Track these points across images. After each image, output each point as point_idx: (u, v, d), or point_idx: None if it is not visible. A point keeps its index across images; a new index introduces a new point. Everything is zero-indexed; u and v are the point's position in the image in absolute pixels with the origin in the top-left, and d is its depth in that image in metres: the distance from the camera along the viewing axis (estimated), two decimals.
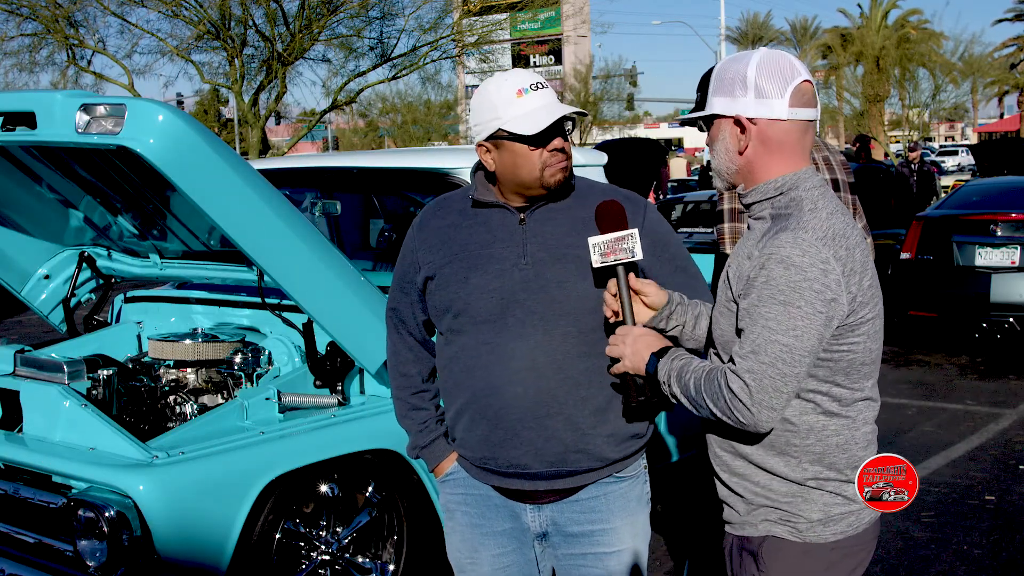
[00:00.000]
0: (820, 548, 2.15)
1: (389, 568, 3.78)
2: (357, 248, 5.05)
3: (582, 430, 2.47)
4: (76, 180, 3.85)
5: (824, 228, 2.04)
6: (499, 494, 2.58)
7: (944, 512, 5.20)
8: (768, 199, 2.14)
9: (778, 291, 1.99)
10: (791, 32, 60.26)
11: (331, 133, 53.82)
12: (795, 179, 2.12)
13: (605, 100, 44.57)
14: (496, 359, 2.45)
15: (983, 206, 9.25)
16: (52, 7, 21.66)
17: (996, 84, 52.88)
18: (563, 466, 2.49)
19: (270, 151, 32.67)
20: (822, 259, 2.00)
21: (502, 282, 2.45)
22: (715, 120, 2.17)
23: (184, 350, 3.95)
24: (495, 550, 2.61)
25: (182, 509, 3.14)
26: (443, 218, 2.59)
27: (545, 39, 45.88)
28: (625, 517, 2.58)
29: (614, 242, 2.28)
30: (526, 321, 2.44)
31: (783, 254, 2.00)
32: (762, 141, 2.13)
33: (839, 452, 2.14)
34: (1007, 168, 12.93)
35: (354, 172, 4.59)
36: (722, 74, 2.14)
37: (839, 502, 2.15)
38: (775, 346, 1.99)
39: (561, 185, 2.48)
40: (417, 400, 2.69)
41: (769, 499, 2.17)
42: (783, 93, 2.10)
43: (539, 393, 2.43)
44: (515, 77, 2.45)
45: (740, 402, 2.01)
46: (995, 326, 8.66)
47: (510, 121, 2.40)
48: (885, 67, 41.73)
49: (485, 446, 2.51)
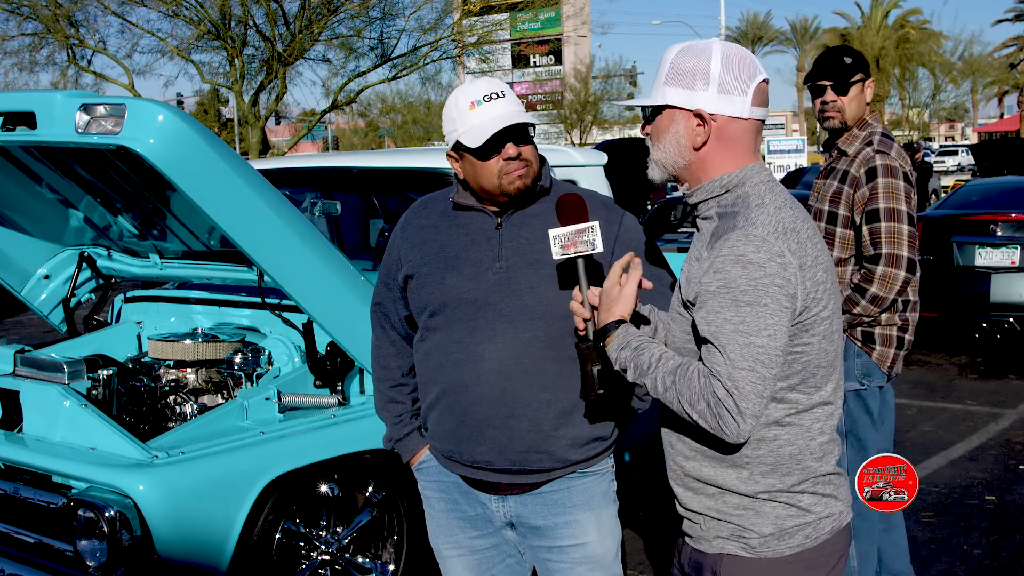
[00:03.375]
0: (775, 563, 2.05)
1: (389, 568, 3.78)
2: (357, 248, 5.05)
3: (545, 432, 2.52)
4: (76, 180, 3.85)
5: (774, 223, 1.96)
6: (465, 483, 2.65)
7: (944, 512, 5.20)
8: (714, 197, 2.08)
9: (740, 292, 1.90)
10: (791, 32, 60.27)
11: (331, 133, 53.86)
12: (741, 175, 2.06)
13: (605, 100, 44.56)
14: (466, 358, 2.52)
15: (983, 206, 9.25)
16: (52, 7, 21.66)
17: (996, 84, 52.92)
18: (525, 465, 2.55)
19: (270, 151, 32.67)
20: (778, 253, 1.92)
21: (476, 284, 2.52)
22: (664, 111, 2.09)
23: (184, 350, 3.95)
24: (471, 533, 2.69)
25: (182, 509, 3.14)
26: (426, 218, 2.67)
27: (545, 39, 45.82)
28: (588, 511, 2.62)
29: (575, 234, 2.28)
30: (496, 323, 2.50)
31: (737, 253, 1.92)
32: (719, 138, 2.06)
33: (792, 463, 2.04)
34: (1007, 168, 12.94)
35: (354, 172, 4.59)
36: (680, 64, 2.06)
37: (792, 514, 2.05)
38: (751, 349, 1.89)
39: (524, 192, 2.53)
40: (395, 393, 2.78)
41: (720, 512, 2.08)
42: (746, 91, 2.04)
43: (504, 394, 2.50)
44: (471, 89, 2.51)
45: (725, 410, 1.89)
46: (995, 326, 8.66)
47: (464, 133, 2.48)
48: (885, 67, 41.73)
49: (452, 440, 2.59)
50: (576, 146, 8.28)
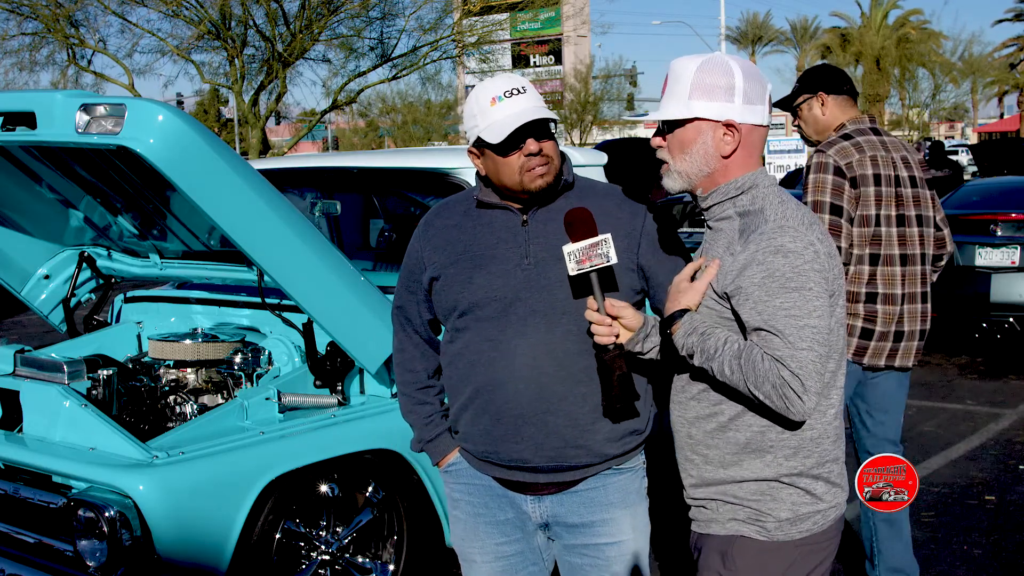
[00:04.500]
0: (786, 546, 2.19)
1: (389, 568, 3.78)
2: (357, 248, 5.05)
3: (582, 426, 2.51)
4: (76, 180, 3.85)
5: (800, 216, 2.12)
6: (500, 485, 2.63)
7: (944, 512, 5.21)
8: (730, 199, 2.21)
9: (786, 280, 2.03)
10: (791, 32, 60.25)
11: (331, 133, 53.85)
12: (754, 178, 2.20)
13: (605, 100, 44.56)
14: (499, 356, 2.50)
15: (983, 206, 9.24)
16: (53, 6, 21.67)
17: (996, 84, 52.88)
18: (563, 461, 2.53)
19: (270, 151, 32.67)
20: (810, 242, 2.07)
21: (505, 281, 2.50)
22: (690, 123, 2.19)
23: (184, 350, 3.95)
24: (499, 538, 2.66)
25: (182, 509, 3.14)
26: (448, 218, 2.64)
27: (545, 39, 45.82)
28: (624, 508, 2.62)
29: (588, 248, 2.33)
30: (528, 319, 2.49)
31: (776, 244, 2.06)
32: (743, 145, 2.19)
33: (812, 446, 2.17)
34: (1007, 168, 12.93)
35: (354, 172, 4.59)
36: (704, 78, 2.17)
37: (807, 501, 2.18)
38: (807, 331, 2.01)
39: (546, 190, 2.51)
40: (423, 395, 2.74)
41: (736, 497, 2.20)
42: (764, 100, 2.20)
43: (540, 390, 2.48)
44: (492, 84, 2.50)
45: (791, 390, 1.99)
46: (995, 326, 8.66)
47: (485, 129, 2.47)
48: (885, 67, 41.74)
49: (488, 440, 2.56)
50: (576, 146, 8.27)
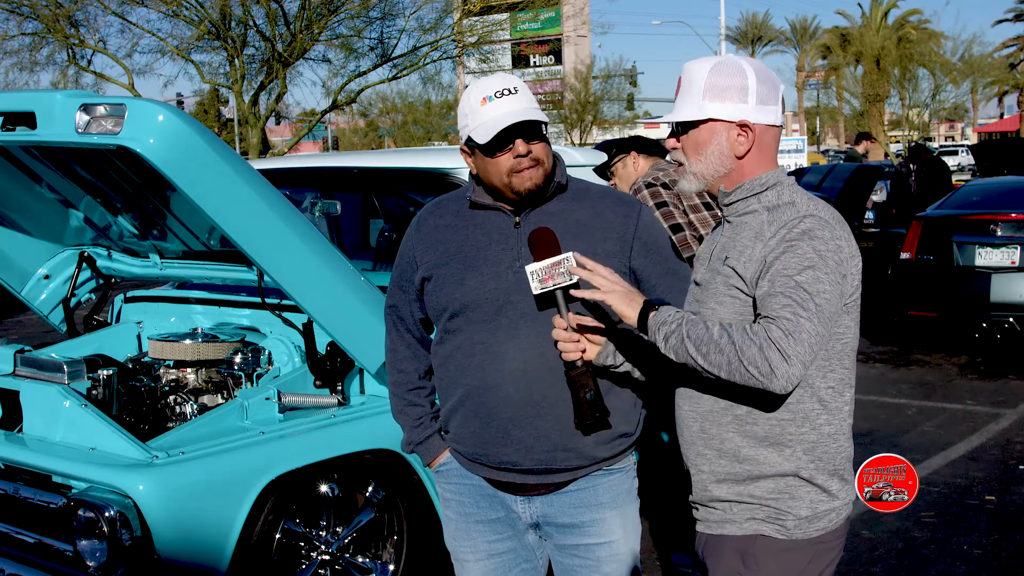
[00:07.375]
0: (804, 544, 2.21)
1: (389, 568, 3.78)
2: (357, 248, 5.05)
3: (571, 429, 2.50)
4: (76, 180, 3.85)
5: (828, 213, 2.17)
6: (490, 485, 2.64)
7: (944, 512, 5.20)
8: (755, 195, 2.23)
9: (806, 259, 2.07)
10: (791, 32, 60.29)
11: (331, 133, 53.83)
12: (777, 176, 2.24)
13: (605, 100, 44.53)
14: (489, 359, 2.50)
15: (983, 206, 9.24)
16: (53, 6, 21.64)
17: (996, 84, 52.87)
18: (552, 464, 2.54)
19: (270, 151, 32.65)
20: (837, 235, 2.13)
21: (496, 284, 2.50)
22: (704, 124, 2.22)
23: (184, 350, 3.95)
24: (490, 537, 2.67)
25: (182, 509, 3.14)
26: (440, 218, 2.63)
27: (545, 39, 45.76)
28: (614, 508, 2.62)
29: (551, 267, 2.33)
30: (519, 322, 2.49)
31: (803, 228, 2.11)
32: (757, 145, 2.23)
33: (830, 442, 2.20)
34: (1007, 168, 12.92)
35: (354, 172, 4.59)
36: (717, 80, 2.20)
37: (824, 499, 2.21)
38: (812, 303, 2.04)
39: (536, 192, 2.51)
40: (413, 396, 2.74)
41: (754, 496, 2.21)
42: (777, 100, 2.23)
43: (530, 393, 2.48)
44: (484, 84, 2.50)
45: (776, 351, 1.99)
46: (995, 326, 8.66)
47: (474, 129, 2.47)
48: (885, 67, 41.71)
49: (477, 442, 2.57)
50: (576, 146, 8.27)
